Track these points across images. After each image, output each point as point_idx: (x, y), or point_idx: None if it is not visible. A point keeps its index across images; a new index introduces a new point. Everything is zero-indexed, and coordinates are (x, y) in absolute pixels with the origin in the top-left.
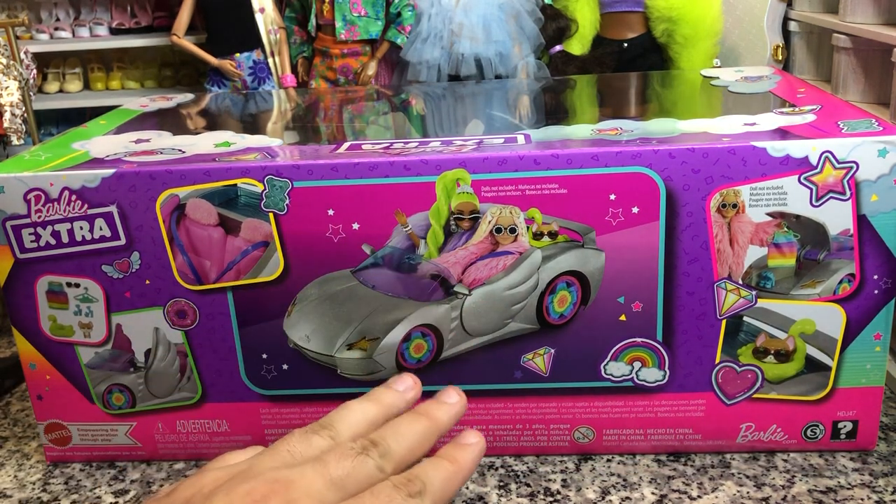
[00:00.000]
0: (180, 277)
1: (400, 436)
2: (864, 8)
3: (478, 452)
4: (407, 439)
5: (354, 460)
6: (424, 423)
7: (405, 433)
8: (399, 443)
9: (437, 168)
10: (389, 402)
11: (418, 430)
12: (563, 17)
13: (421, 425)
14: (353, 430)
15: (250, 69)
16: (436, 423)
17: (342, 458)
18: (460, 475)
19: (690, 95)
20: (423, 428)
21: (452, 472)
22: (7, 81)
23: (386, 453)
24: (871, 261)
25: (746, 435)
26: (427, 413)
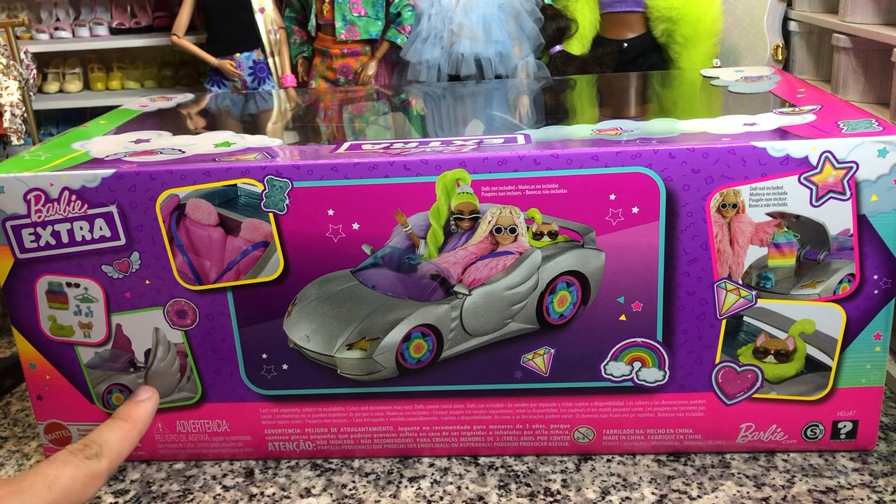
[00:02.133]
0: (180, 277)
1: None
2: (864, 8)
3: (150, 407)
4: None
5: (65, 465)
6: (126, 427)
7: (112, 437)
8: (110, 445)
9: (437, 168)
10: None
11: (122, 432)
12: (563, 17)
13: (122, 428)
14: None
15: (250, 69)
16: (135, 422)
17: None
18: (135, 430)
19: (690, 95)
20: (125, 429)
21: (127, 429)
22: (7, 81)
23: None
24: (871, 261)
25: (746, 435)
26: (125, 415)
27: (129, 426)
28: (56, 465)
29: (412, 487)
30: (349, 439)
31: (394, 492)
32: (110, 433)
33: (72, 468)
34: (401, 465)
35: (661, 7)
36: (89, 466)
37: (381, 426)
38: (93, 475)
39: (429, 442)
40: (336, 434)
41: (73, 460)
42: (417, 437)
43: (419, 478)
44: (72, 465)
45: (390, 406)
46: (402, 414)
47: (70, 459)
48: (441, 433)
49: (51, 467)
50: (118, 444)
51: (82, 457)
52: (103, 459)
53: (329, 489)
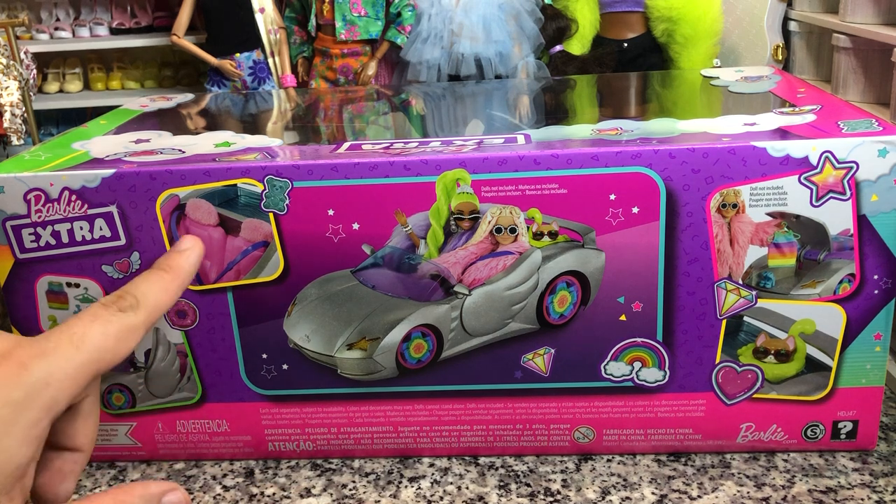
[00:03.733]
0: None
1: (147, 294)
2: (864, 8)
3: (194, 257)
4: (153, 294)
5: (95, 320)
6: (166, 277)
7: (151, 290)
8: (146, 297)
9: (437, 168)
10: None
11: (161, 283)
12: (563, 17)
13: (163, 279)
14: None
15: (250, 69)
16: (177, 273)
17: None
18: (177, 282)
19: (690, 95)
20: (165, 280)
21: (168, 280)
22: (7, 81)
23: (135, 308)
24: (871, 261)
25: (746, 435)
26: (166, 265)
27: (170, 276)
28: (84, 321)
29: (412, 487)
30: (349, 439)
31: (394, 492)
32: (148, 284)
33: (101, 323)
34: (401, 465)
35: (661, 7)
36: (122, 320)
37: (381, 426)
38: (127, 329)
39: (429, 442)
40: (336, 434)
41: (104, 314)
42: (417, 437)
43: (419, 478)
44: (102, 319)
45: (390, 406)
46: (402, 414)
47: (100, 313)
48: (441, 433)
49: (78, 324)
50: (157, 295)
51: (115, 309)
52: (139, 311)
53: (329, 489)
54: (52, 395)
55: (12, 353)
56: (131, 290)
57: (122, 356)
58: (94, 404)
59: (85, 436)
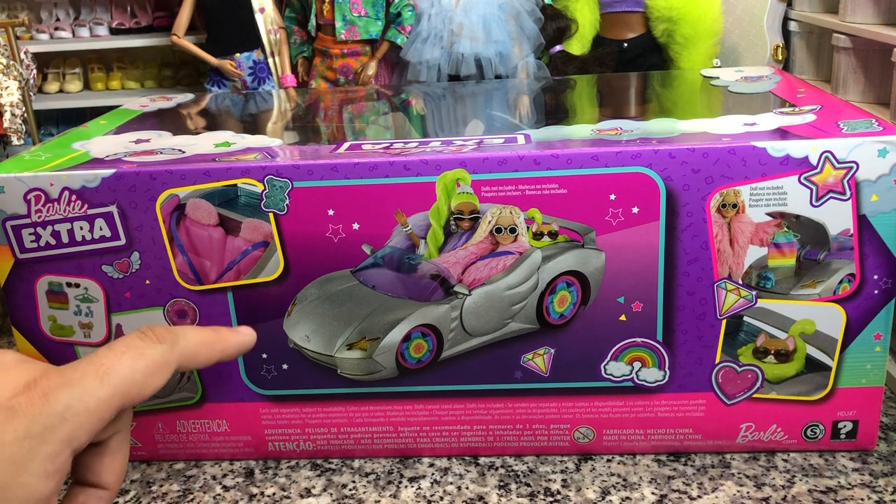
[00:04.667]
0: (180, 277)
1: (188, 336)
2: (864, 8)
3: (245, 343)
4: (194, 339)
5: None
6: (212, 335)
7: (193, 335)
8: (187, 339)
9: (437, 168)
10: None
11: (205, 336)
12: (563, 17)
13: (209, 334)
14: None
15: (250, 69)
16: (223, 338)
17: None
18: (219, 344)
19: (690, 95)
20: (210, 336)
21: (212, 338)
22: (7, 81)
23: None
24: (871, 261)
25: (746, 435)
26: (217, 329)
27: (216, 338)
28: (114, 353)
29: (412, 487)
30: (349, 439)
31: (394, 492)
32: (193, 331)
33: (131, 357)
34: (401, 465)
35: (661, 7)
36: (154, 354)
37: (381, 426)
38: (157, 364)
39: (429, 442)
40: (336, 434)
41: (137, 347)
42: (417, 437)
43: (419, 478)
44: (132, 353)
45: (390, 406)
46: (402, 414)
47: (133, 346)
48: (441, 433)
49: (108, 355)
50: (197, 343)
51: (151, 341)
52: (175, 349)
53: (329, 489)
54: (71, 429)
55: (37, 383)
56: (174, 329)
57: (149, 392)
58: (124, 441)
59: (111, 473)
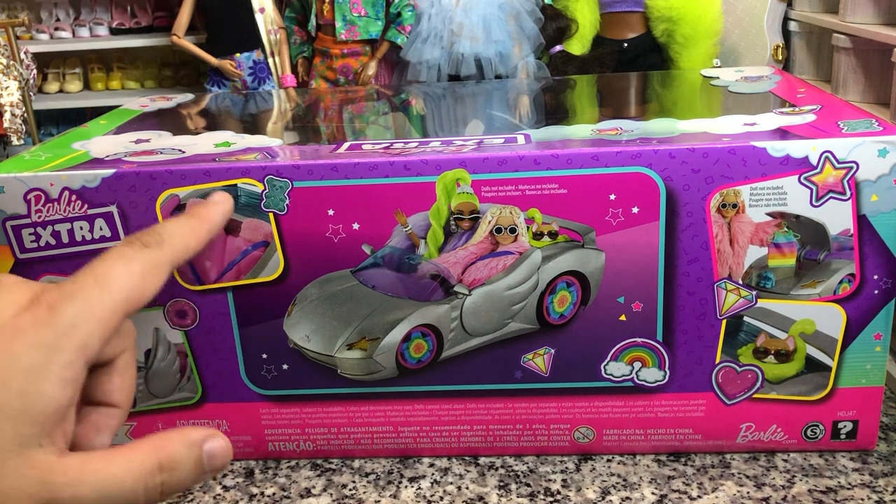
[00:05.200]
0: (180, 277)
1: (173, 232)
2: (864, 8)
3: (225, 209)
4: (179, 233)
5: (118, 258)
6: (194, 220)
7: (177, 229)
8: (172, 235)
9: (437, 168)
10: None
11: (189, 225)
12: (563, 17)
13: (191, 222)
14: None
15: (250, 69)
16: (205, 218)
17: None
18: (204, 228)
19: (690, 95)
20: (193, 223)
21: (195, 224)
22: (7, 81)
23: (159, 245)
24: (871, 261)
25: (746, 435)
26: (195, 213)
27: (198, 222)
28: (108, 260)
29: (412, 487)
30: (349, 439)
31: (394, 492)
32: (175, 225)
33: (125, 261)
34: (401, 465)
35: (661, 7)
36: (146, 256)
37: (381, 426)
38: (152, 265)
39: (429, 442)
40: (336, 434)
41: (128, 252)
42: (417, 437)
43: (419, 478)
44: (125, 258)
45: (390, 406)
46: (402, 414)
47: (124, 252)
48: (441, 433)
49: (102, 264)
50: (184, 235)
51: (139, 245)
52: (164, 247)
53: (329, 489)
54: (84, 336)
55: (40, 298)
56: (157, 229)
57: (149, 294)
58: (131, 360)
59: (121, 392)
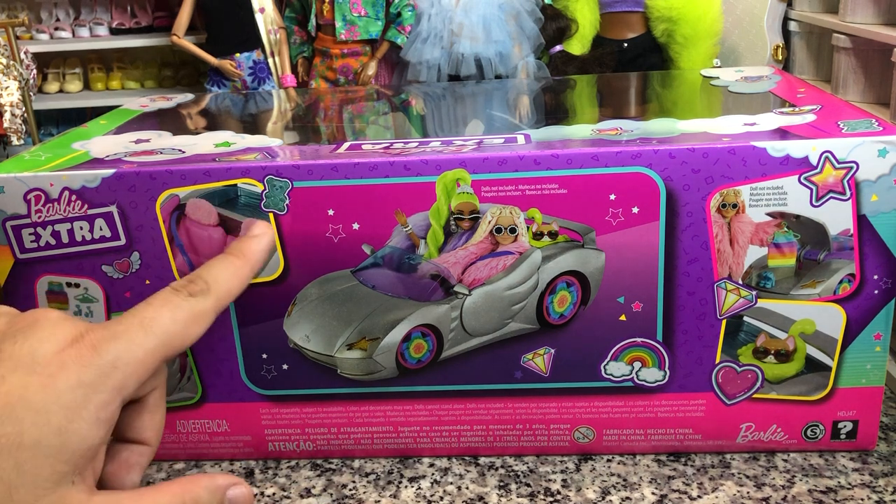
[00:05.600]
0: (180, 277)
1: (218, 278)
2: (864, 8)
3: (266, 243)
4: (224, 277)
5: (164, 305)
6: (237, 262)
7: (222, 274)
8: (218, 283)
9: (437, 168)
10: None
11: (233, 268)
12: (563, 17)
13: (235, 264)
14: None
15: (250, 69)
16: (248, 258)
17: (152, 304)
18: (247, 267)
19: (690, 95)
20: (237, 264)
21: (239, 265)
22: (7, 81)
23: (205, 294)
24: (871, 261)
25: (746, 435)
26: (237, 250)
27: (241, 262)
28: (154, 306)
29: (412, 487)
30: (349, 439)
31: (394, 492)
32: (219, 269)
33: (171, 308)
34: (401, 465)
35: (661, 7)
36: (192, 305)
37: (381, 426)
38: (196, 315)
39: (429, 442)
40: (336, 434)
41: (174, 300)
42: (417, 437)
43: (419, 478)
44: (172, 304)
45: (390, 406)
46: (402, 414)
47: (170, 299)
48: (441, 433)
49: (148, 308)
50: (228, 280)
51: (185, 294)
52: (209, 297)
53: (329, 489)
54: (122, 378)
55: (84, 337)
56: (202, 275)
57: (190, 341)
58: (161, 398)
59: (152, 429)
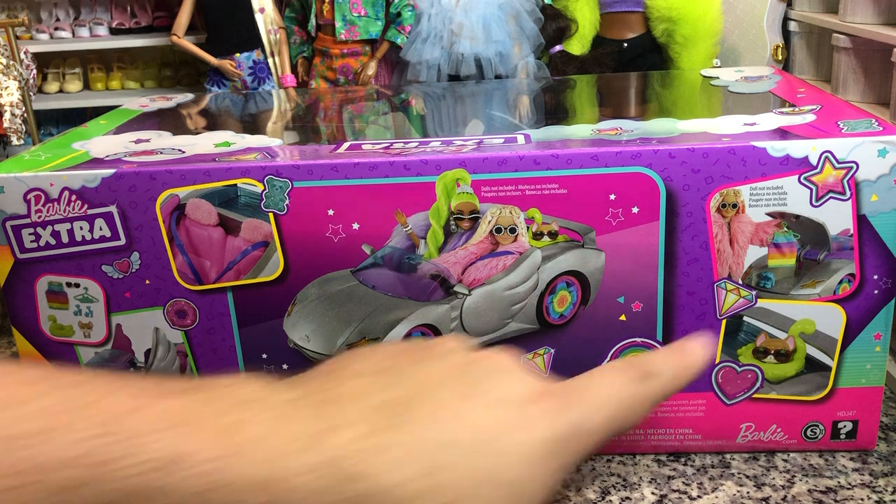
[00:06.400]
0: (180, 277)
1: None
2: (864, 8)
3: (705, 355)
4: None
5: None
6: (680, 369)
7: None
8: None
9: (437, 168)
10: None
11: (676, 370)
12: (563, 17)
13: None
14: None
15: (250, 69)
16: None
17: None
18: (688, 371)
19: (690, 95)
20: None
21: (683, 364)
22: (7, 81)
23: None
24: (871, 261)
25: (746, 435)
26: (681, 351)
27: (685, 362)
28: (606, 382)
29: None
30: None
31: None
32: (664, 361)
33: (626, 388)
34: None
35: (661, 7)
36: (642, 390)
37: None
38: (642, 399)
39: None
40: None
41: (624, 381)
42: None
43: None
44: (626, 384)
45: None
46: None
47: (621, 379)
48: None
49: (600, 384)
50: (671, 376)
51: (634, 375)
52: (654, 385)
53: None
54: (577, 447)
55: (550, 395)
56: (647, 362)
57: (632, 424)
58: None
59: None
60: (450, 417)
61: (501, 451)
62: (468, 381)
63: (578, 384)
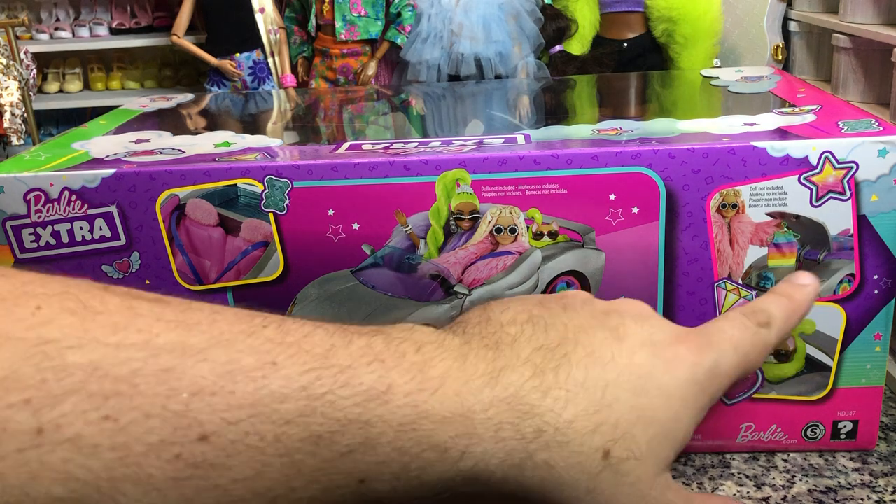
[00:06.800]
0: (180, 277)
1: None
2: (864, 8)
3: (812, 293)
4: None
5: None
6: (788, 303)
7: (781, 314)
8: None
9: (437, 168)
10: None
11: (789, 311)
12: (563, 17)
13: (790, 307)
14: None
15: (250, 69)
16: (799, 305)
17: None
18: (798, 313)
19: (690, 95)
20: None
21: (792, 309)
22: (7, 81)
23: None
24: (871, 261)
25: (746, 435)
26: (788, 293)
27: (794, 307)
28: (736, 326)
29: None
30: None
31: None
32: (777, 307)
33: (751, 333)
34: None
35: (661, 7)
36: (762, 335)
37: None
38: (763, 344)
39: None
40: None
41: (749, 325)
42: None
43: None
44: (750, 329)
45: None
46: None
47: (746, 324)
48: None
49: (732, 327)
50: (785, 320)
51: (755, 321)
52: (772, 331)
53: None
54: (716, 388)
55: (689, 337)
56: (763, 308)
57: (754, 368)
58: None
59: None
60: (604, 360)
61: (656, 390)
62: (612, 326)
63: (712, 328)
